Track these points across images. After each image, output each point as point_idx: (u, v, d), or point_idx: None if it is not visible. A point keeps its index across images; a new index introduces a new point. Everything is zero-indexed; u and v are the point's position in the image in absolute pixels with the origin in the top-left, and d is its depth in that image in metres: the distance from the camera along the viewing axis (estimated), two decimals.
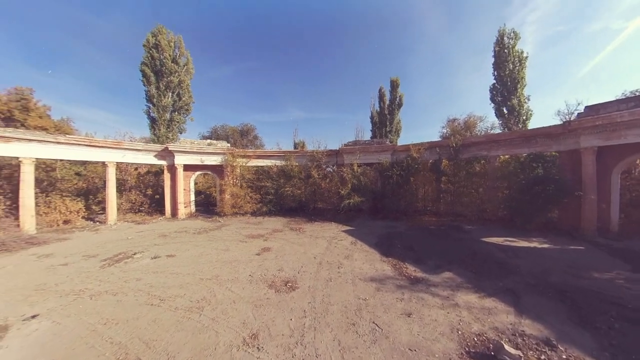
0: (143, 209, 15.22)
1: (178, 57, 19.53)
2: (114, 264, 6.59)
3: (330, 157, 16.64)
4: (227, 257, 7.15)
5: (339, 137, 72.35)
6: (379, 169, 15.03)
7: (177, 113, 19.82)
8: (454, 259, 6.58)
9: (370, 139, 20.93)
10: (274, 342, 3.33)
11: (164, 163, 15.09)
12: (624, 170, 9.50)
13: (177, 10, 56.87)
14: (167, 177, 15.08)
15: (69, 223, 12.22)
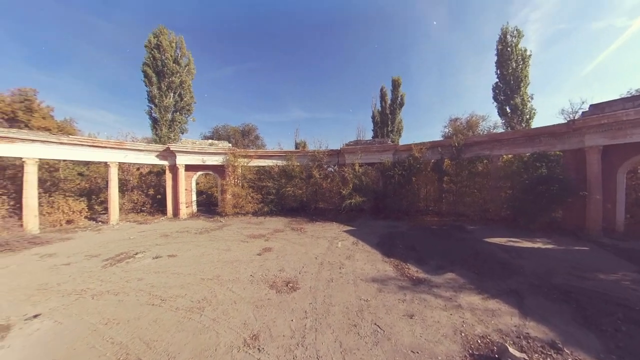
0: (145, 209, 15.29)
1: (179, 57, 19.59)
2: (116, 264, 6.61)
3: (332, 157, 16.61)
4: (228, 257, 7.15)
5: (341, 136, 72.10)
6: (381, 169, 14.99)
7: (178, 113, 19.89)
8: (457, 260, 6.52)
9: (372, 139, 20.87)
10: (275, 343, 3.31)
11: (166, 163, 15.14)
12: (630, 170, 9.37)
13: (178, 11, 57.19)
14: (168, 177, 15.13)
15: (72, 223, 12.31)
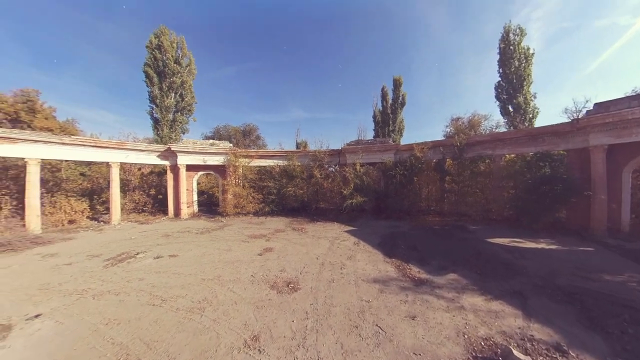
0: (146, 209, 15.34)
1: (180, 58, 19.65)
2: (117, 264, 6.61)
3: (333, 156, 16.57)
4: (229, 257, 7.14)
5: (342, 136, 72.09)
6: (382, 169, 14.93)
7: (179, 113, 19.96)
8: (459, 260, 6.46)
9: (373, 139, 20.81)
10: (276, 344, 3.28)
11: (167, 163, 15.17)
12: (636, 169, 9.24)
13: (179, 11, 57.33)
14: (170, 177, 15.16)
15: (74, 223, 12.37)
